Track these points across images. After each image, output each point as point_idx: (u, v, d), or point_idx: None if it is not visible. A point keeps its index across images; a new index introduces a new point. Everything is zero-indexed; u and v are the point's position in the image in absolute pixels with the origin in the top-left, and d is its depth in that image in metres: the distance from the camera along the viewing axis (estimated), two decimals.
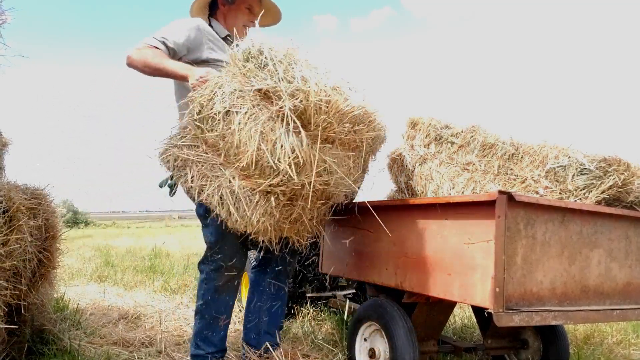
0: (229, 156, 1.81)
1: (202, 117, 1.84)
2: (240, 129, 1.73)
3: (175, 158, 1.94)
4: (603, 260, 1.92)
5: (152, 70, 2.21)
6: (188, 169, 1.89)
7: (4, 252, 1.82)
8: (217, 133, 1.80)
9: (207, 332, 2.30)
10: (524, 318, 1.63)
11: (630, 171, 1.99)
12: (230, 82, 1.81)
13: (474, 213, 1.73)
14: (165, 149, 2.01)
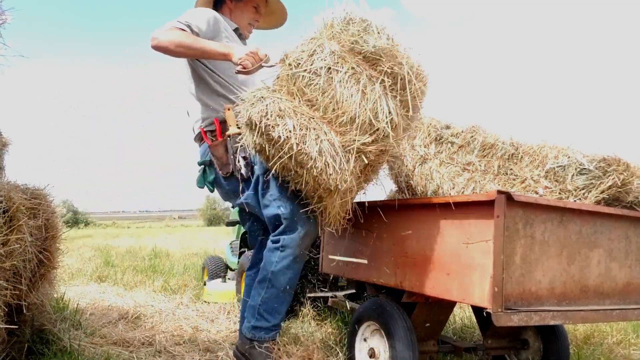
0: (327, 111, 1.83)
1: (301, 71, 1.84)
2: (341, 85, 1.79)
3: (273, 107, 1.81)
4: (603, 260, 1.92)
5: (186, 49, 2.10)
6: (287, 119, 1.79)
7: (4, 252, 1.82)
8: (318, 87, 1.81)
9: (274, 303, 2.18)
10: (522, 318, 1.63)
11: (630, 171, 1.99)
12: (329, 44, 1.84)
13: (473, 213, 1.73)
14: (259, 97, 1.87)
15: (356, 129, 1.81)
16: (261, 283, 2.19)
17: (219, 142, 2.23)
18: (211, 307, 3.98)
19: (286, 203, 2.10)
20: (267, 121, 1.74)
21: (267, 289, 2.16)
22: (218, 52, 2.10)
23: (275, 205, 2.12)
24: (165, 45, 2.08)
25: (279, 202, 2.11)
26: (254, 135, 1.82)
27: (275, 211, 2.12)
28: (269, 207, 2.14)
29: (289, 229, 2.11)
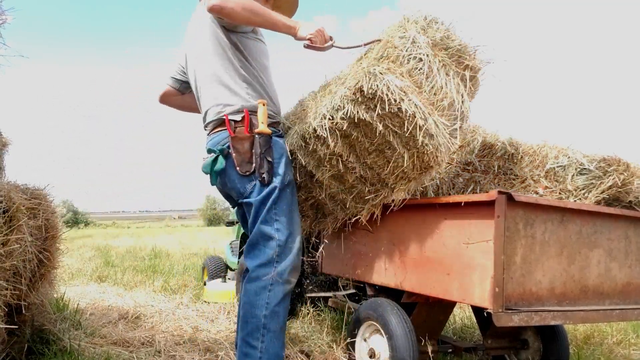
0: (430, 95, 1.91)
1: (407, 54, 1.91)
2: (439, 73, 1.91)
3: (398, 83, 1.82)
4: (603, 260, 1.92)
5: (253, 15, 1.92)
6: (412, 95, 1.82)
7: (4, 252, 1.82)
8: (423, 72, 1.89)
9: (276, 347, 1.95)
10: (523, 318, 1.64)
11: (630, 171, 1.99)
12: (416, 34, 1.95)
13: (474, 213, 1.73)
14: (376, 72, 1.84)
15: (449, 115, 1.94)
16: (253, 333, 1.95)
17: (245, 137, 2.03)
18: (211, 307, 3.98)
19: (285, 230, 2.00)
20: (392, 95, 1.75)
21: (263, 336, 1.94)
22: (284, 24, 1.96)
23: (274, 227, 1.99)
24: (231, 7, 1.88)
25: (280, 225, 1.99)
26: (365, 107, 1.83)
27: (271, 232, 1.99)
28: (267, 224, 1.99)
29: (277, 259, 1.97)
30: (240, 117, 2.04)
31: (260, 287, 1.96)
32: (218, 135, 2.10)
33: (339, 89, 1.99)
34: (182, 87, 2.44)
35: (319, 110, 2.01)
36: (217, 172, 2.06)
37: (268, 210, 2.00)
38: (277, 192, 2.01)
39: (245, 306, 1.99)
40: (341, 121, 1.88)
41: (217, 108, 2.10)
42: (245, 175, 2.02)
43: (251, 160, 2.01)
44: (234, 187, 2.08)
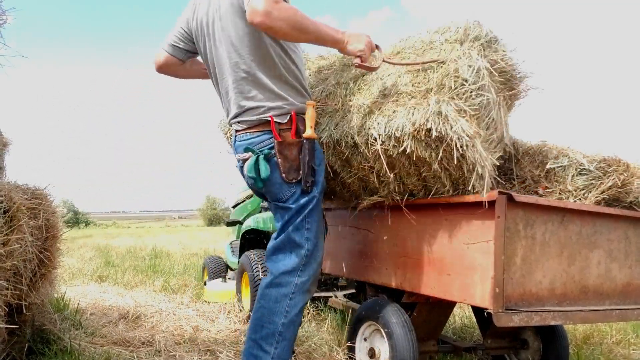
0: (484, 129, 1.80)
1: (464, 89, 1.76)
2: (495, 104, 1.83)
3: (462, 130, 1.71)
4: (603, 260, 1.92)
5: (300, 34, 1.75)
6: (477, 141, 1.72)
7: (5, 252, 1.83)
8: (482, 105, 1.76)
9: (286, 356, 1.93)
10: (523, 318, 1.64)
11: (630, 171, 1.99)
12: (479, 58, 1.79)
13: (474, 213, 1.73)
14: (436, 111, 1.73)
15: (496, 146, 1.89)
16: (268, 339, 1.92)
17: (294, 143, 1.90)
18: (211, 306, 3.98)
19: (314, 239, 1.95)
20: (460, 142, 1.67)
21: (278, 343, 1.91)
22: (333, 38, 1.79)
23: (305, 235, 1.93)
24: (279, 26, 1.67)
25: (310, 234, 1.94)
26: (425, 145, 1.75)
27: (301, 241, 1.93)
28: (298, 232, 1.93)
29: (302, 269, 1.94)
30: (287, 119, 1.90)
31: (282, 295, 1.93)
32: (258, 137, 1.94)
33: (390, 106, 1.88)
34: (185, 56, 2.18)
35: (367, 126, 1.90)
36: (264, 179, 1.90)
37: (303, 218, 1.93)
38: (315, 201, 1.95)
39: (263, 310, 1.95)
40: (393, 149, 1.81)
41: (257, 110, 1.92)
42: (287, 182, 1.92)
43: (299, 168, 1.91)
44: (272, 191, 1.96)
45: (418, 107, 1.77)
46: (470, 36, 1.85)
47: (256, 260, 3.58)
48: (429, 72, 1.86)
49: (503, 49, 1.93)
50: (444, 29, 1.95)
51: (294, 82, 1.95)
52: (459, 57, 1.79)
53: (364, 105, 1.99)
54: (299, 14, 1.70)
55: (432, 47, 1.92)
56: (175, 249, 10.56)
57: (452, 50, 1.83)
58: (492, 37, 1.90)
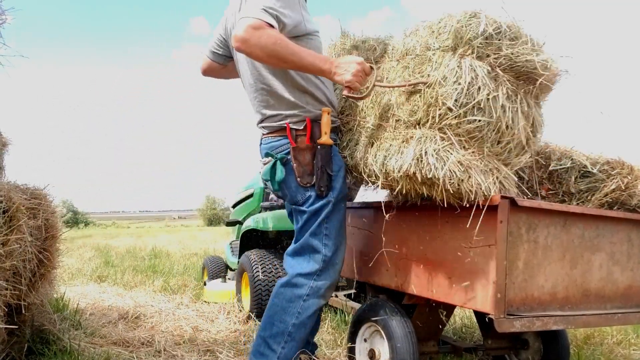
0: (494, 144, 1.69)
1: (465, 110, 1.63)
2: (505, 111, 1.66)
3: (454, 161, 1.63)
4: (605, 263, 1.91)
5: (279, 62, 1.78)
6: (473, 171, 1.64)
7: (4, 252, 1.82)
8: (484, 123, 1.64)
9: (295, 359, 1.97)
10: (525, 323, 1.62)
11: (634, 174, 1.98)
12: (478, 64, 1.65)
13: (476, 217, 1.72)
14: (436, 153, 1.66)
15: (518, 152, 1.77)
16: (276, 337, 1.95)
17: (307, 148, 1.96)
18: (211, 307, 3.97)
19: (333, 245, 1.97)
20: (451, 180, 1.61)
21: (286, 343, 1.94)
22: (318, 67, 1.81)
23: (322, 241, 1.96)
24: (256, 53, 1.75)
25: (328, 241, 1.97)
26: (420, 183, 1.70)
27: (319, 246, 1.96)
28: (316, 238, 1.97)
29: (320, 274, 1.97)
30: (303, 126, 1.98)
31: (296, 296, 1.96)
32: (277, 141, 2.02)
33: (387, 136, 1.84)
34: (225, 61, 2.29)
35: (370, 161, 1.89)
36: (279, 181, 1.98)
37: (319, 223, 1.96)
38: (330, 206, 1.97)
39: (275, 308, 1.98)
40: (396, 184, 1.80)
41: (276, 117, 2.02)
42: (304, 187, 1.97)
43: (312, 172, 1.96)
44: (288, 194, 2.03)
45: (405, 145, 1.74)
46: (464, 39, 1.67)
47: (256, 261, 3.58)
48: (418, 97, 1.77)
49: (510, 40, 1.70)
50: (440, 27, 1.78)
51: (313, 90, 2.00)
52: (444, 78, 1.65)
53: (369, 129, 1.98)
54: (278, 43, 1.72)
55: (427, 56, 1.78)
56: (175, 249, 10.55)
57: (440, 67, 1.69)
58: (493, 31, 1.67)
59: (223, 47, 2.24)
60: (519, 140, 1.72)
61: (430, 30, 1.82)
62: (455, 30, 1.69)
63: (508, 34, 1.70)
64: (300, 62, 1.79)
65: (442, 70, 1.67)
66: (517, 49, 1.68)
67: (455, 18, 1.72)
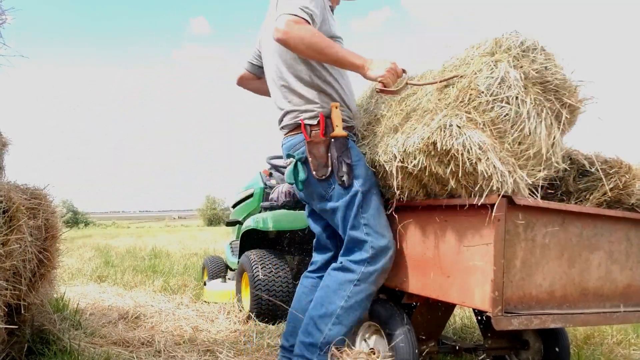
0: (514, 145, 1.72)
1: (491, 99, 1.70)
2: (529, 117, 1.71)
3: (474, 140, 1.65)
4: (603, 262, 1.91)
5: (316, 53, 1.89)
6: (491, 154, 1.64)
7: (4, 252, 1.82)
8: (509, 118, 1.69)
9: (339, 342, 1.99)
10: (522, 321, 1.63)
11: (632, 173, 1.98)
12: (512, 70, 1.73)
13: (474, 216, 1.72)
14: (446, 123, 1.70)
15: (536, 162, 1.77)
16: (324, 318, 1.98)
17: (321, 141, 2.02)
18: (211, 307, 3.98)
19: (377, 232, 1.99)
20: (468, 155, 1.62)
21: (333, 325, 1.97)
22: (352, 62, 1.91)
23: (364, 231, 1.98)
24: (294, 43, 1.86)
25: (369, 229, 1.98)
26: (438, 161, 1.72)
27: (362, 237, 1.98)
28: (356, 230, 1.99)
29: (370, 260, 1.98)
30: (316, 121, 2.05)
31: (347, 280, 1.99)
32: (294, 139, 2.12)
33: (413, 124, 1.86)
34: (259, 72, 2.43)
35: (390, 145, 1.91)
36: (302, 181, 2.05)
37: (355, 215, 1.99)
38: (360, 195, 1.99)
39: (327, 289, 2.03)
40: (412, 167, 1.81)
41: (293, 113, 2.12)
42: (323, 179, 2.02)
43: (327, 164, 2.00)
44: (316, 191, 2.07)
45: (430, 122, 1.77)
46: (502, 47, 1.79)
47: (256, 261, 3.58)
48: (450, 88, 1.85)
49: (545, 57, 1.80)
50: (480, 42, 1.92)
51: (328, 89, 2.10)
52: (480, 70, 1.75)
53: (393, 126, 2.01)
54: (316, 36, 1.86)
55: (466, 62, 1.87)
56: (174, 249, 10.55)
57: (477, 64, 1.79)
58: (529, 46, 1.79)
59: (257, 58, 2.41)
60: (539, 148, 1.75)
61: (472, 47, 1.94)
62: (496, 39, 1.83)
63: (542, 52, 1.81)
64: (335, 55, 1.90)
65: (478, 65, 1.77)
66: (549, 66, 1.78)
67: (495, 33, 1.86)
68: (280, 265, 3.58)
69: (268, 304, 3.43)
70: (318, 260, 2.33)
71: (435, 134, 1.68)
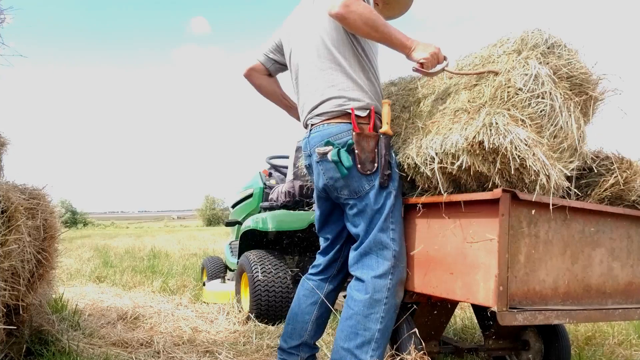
0: (551, 138, 1.76)
1: (528, 95, 1.73)
2: (562, 111, 1.76)
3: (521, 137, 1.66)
4: (605, 259, 1.91)
5: (372, 30, 1.87)
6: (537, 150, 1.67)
7: (2, 252, 1.81)
8: (545, 113, 1.73)
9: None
10: (527, 317, 1.62)
11: (633, 169, 1.98)
12: (538, 66, 1.76)
13: (478, 211, 1.72)
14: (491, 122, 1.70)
15: (569, 154, 1.81)
16: (364, 347, 1.89)
17: (371, 136, 1.96)
18: (210, 307, 3.97)
19: (398, 240, 1.95)
20: (517, 152, 1.62)
21: (373, 351, 1.89)
22: (401, 42, 1.90)
23: (390, 236, 1.94)
24: (353, 19, 1.84)
25: (395, 235, 1.95)
26: (482, 160, 1.70)
27: (388, 241, 1.93)
28: (384, 233, 1.94)
29: (393, 271, 1.93)
30: (366, 113, 1.98)
31: (376, 300, 1.91)
32: (336, 127, 1.99)
33: (446, 124, 1.86)
34: (272, 68, 2.36)
35: (424, 147, 1.88)
36: (348, 168, 1.93)
37: (385, 218, 1.94)
38: (392, 198, 1.96)
39: (357, 317, 1.92)
40: (451, 167, 1.78)
41: (339, 100, 2.00)
42: (365, 174, 1.95)
43: (374, 160, 1.95)
44: (352, 185, 1.97)
45: (471, 121, 1.75)
46: (528, 44, 1.83)
47: (255, 261, 3.57)
48: (483, 86, 1.85)
49: (568, 53, 1.86)
50: (502, 41, 1.93)
51: (374, 81, 2.07)
52: (513, 67, 1.77)
53: (423, 126, 2.00)
54: (374, 13, 1.85)
55: (490, 60, 1.91)
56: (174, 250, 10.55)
57: (507, 62, 1.82)
58: (554, 42, 1.85)
59: (274, 52, 2.32)
60: (573, 141, 1.79)
61: (492, 45, 1.98)
62: (521, 37, 1.86)
63: (566, 48, 1.87)
64: (389, 34, 1.89)
65: (510, 64, 1.80)
66: (573, 61, 1.85)
67: (518, 31, 1.90)
68: (279, 266, 3.57)
69: (268, 305, 3.42)
70: (321, 263, 2.27)
71: (482, 133, 1.66)
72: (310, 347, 2.25)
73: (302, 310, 2.23)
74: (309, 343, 2.24)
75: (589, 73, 1.87)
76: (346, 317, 1.96)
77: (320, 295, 2.23)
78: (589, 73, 1.87)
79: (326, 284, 2.25)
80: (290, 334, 2.23)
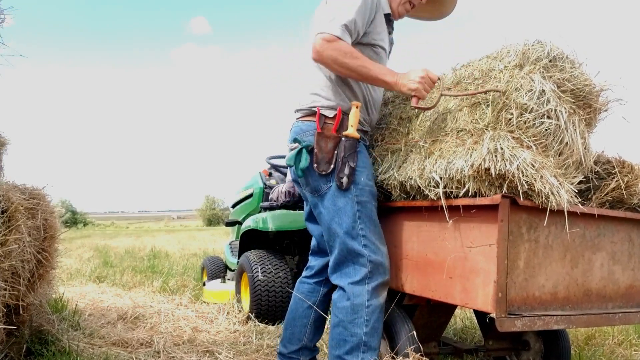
0: (556, 156, 1.74)
1: (532, 116, 1.70)
2: (567, 127, 1.73)
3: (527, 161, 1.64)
4: (606, 263, 1.90)
5: (347, 71, 1.91)
6: (545, 171, 1.64)
7: (3, 252, 1.81)
8: (550, 131, 1.71)
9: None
10: (526, 323, 1.62)
11: (634, 173, 1.97)
12: (545, 82, 1.73)
13: (477, 216, 1.71)
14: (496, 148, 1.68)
15: (574, 169, 1.80)
16: (353, 351, 1.91)
17: (331, 136, 1.97)
18: (210, 307, 3.97)
19: (374, 245, 1.94)
20: (524, 177, 1.60)
21: (364, 353, 1.90)
22: (383, 80, 1.91)
23: (361, 242, 1.93)
24: (327, 63, 1.92)
25: (367, 241, 1.93)
26: (488, 185, 1.67)
27: (359, 249, 1.93)
28: (354, 240, 1.93)
29: (370, 276, 1.92)
30: (333, 114, 2.00)
31: (357, 305, 1.92)
32: (305, 125, 2.05)
33: (450, 146, 1.83)
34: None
35: (428, 170, 1.85)
36: (302, 169, 1.98)
37: (352, 224, 1.94)
38: (355, 204, 1.94)
39: (342, 324, 1.94)
40: (457, 191, 1.75)
41: (313, 97, 2.05)
42: (322, 175, 1.96)
43: (331, 161, 1.95)
44: (310, 183, 2.01)
45: (475, 146, 1.73)
46: (530, 58, 1.78)
47: (255, 261, 3.57)
48: (484, 106, 1.81)
49: (571, 65, 1.82)
50: (502, 54, 1.88)
51: (355, 86, 2.06)
52: (516, 88, 1.73)
53: (424, 145, 1.98)
54: (349, 55, 1.88)
55: (491, 75, 1.85)
56: (174, 250, 10.55)
57: (510, 78, 1.76)
58: (556, 55, 1.80)
59: None
60: (578, 156, 1.78)
61: (492, 58, 1.93)
62: (523, 51, 1.80)
63: (568, 60, 1.83)
64: (367, 74, 1.91)
65: (518, 80, 1.74)
66: (576, 73, 1.81)
67: (520, 44, 1.84)
68: (279, 266, 3.57)
69: (268, 305, 3.42)
70: (314, 265, 2.26)
71: (488, 160, 1.64)
72: (310, 350, 2.25)
73: (299, 314, 2.23)
74: (309, 346, 2.23)
75: (593, 85, 1.83)
76: (334, 325, 1.99)
77: (315, 300, 2.23)
78: (593, 85, 1.83)
79: (321, 287, 2.24)
80: (289, 338, 2.23)
